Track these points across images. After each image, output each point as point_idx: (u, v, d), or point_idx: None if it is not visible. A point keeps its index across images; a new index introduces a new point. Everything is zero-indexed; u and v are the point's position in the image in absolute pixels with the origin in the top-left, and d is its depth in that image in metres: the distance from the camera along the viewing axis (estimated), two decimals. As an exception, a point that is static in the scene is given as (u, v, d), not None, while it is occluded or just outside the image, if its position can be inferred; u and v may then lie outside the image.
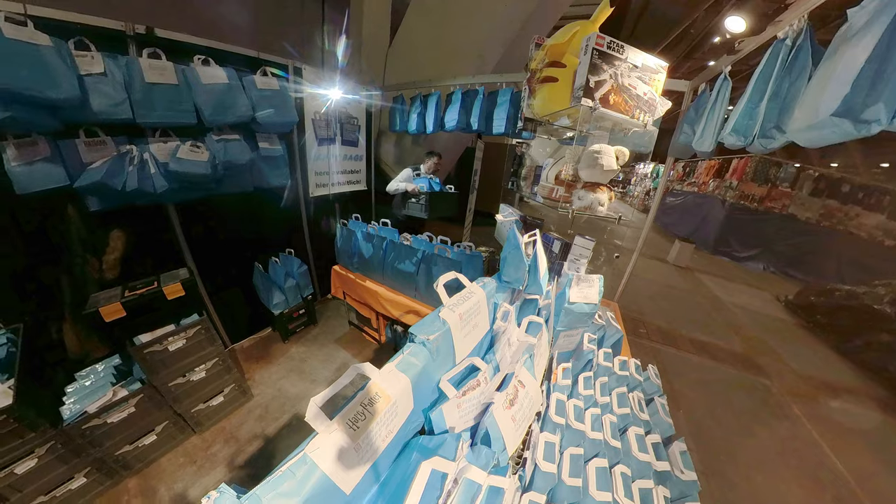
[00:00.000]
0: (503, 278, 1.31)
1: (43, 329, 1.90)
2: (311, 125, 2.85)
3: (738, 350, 3.68)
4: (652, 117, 1.36)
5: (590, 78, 1.21)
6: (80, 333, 2.01)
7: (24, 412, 1.42)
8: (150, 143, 1.97)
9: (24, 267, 1.84)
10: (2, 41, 1.40)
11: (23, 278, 1.85)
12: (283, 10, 3.44)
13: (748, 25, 5.09)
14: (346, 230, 2.58)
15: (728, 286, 5.71)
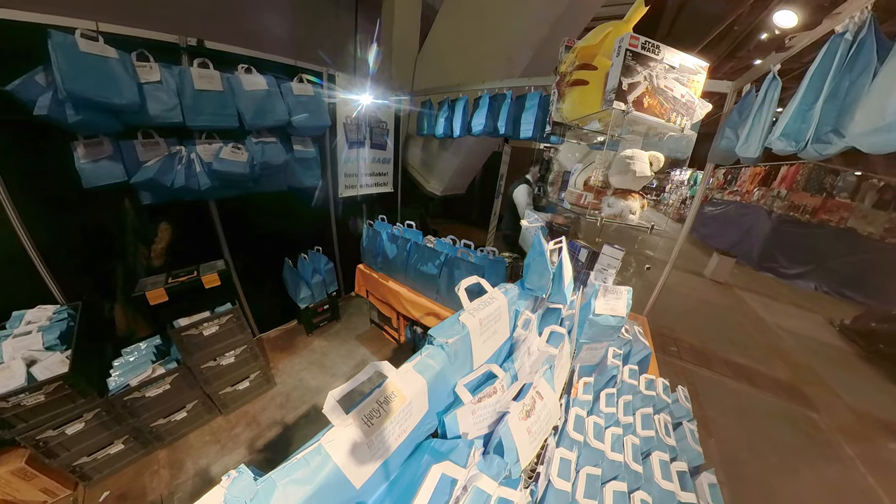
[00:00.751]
0: (526, 285, 1.29)
1: (97, 307, 2.11)
2: (342, 129, 2.96)
3: (783, 377, 3.37)
4: (690, 121, 1.29)
5: (622, 80, 1.17)
6: (128, 314, 2.22)
7: (77, 380, 1.58)
8: (197, 144, 2.14)
9: (85, 252, 2.06)
10: (77, 54, 1.58)
11: (83, 262, 2.06)
12: (319, 21, 3.65)
13: (801, 20, 4.70)
14: (372, 230, 2.64)
15: (773, 306, 5.26)
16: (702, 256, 7.20)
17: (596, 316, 1.32)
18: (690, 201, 10.44)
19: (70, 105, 1.60)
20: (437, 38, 3.61)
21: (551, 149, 2.26)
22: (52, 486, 1.71)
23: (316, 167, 2.75)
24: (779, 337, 4.21)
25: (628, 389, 1.27)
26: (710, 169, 2.02)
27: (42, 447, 1.59)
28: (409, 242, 2.36)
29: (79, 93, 1.58)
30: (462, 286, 0.94)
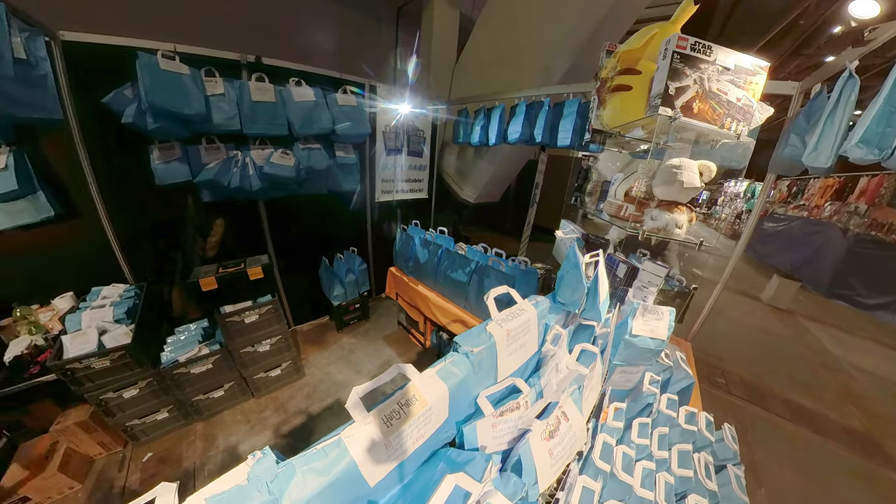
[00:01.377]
0: (558, 299, 1.24)
1: (159, 289, 2.38)
2: (381, 137, 3.09)
3: (856, 427, 2.90)
4: (747, 126, 1.18)
5: (669, 84, 1.10)
6: (183, 297, 2.49)
7: (137, 351, 1.81)
8: (252, 149, 2.35)
9: (153, 240, 2.35)
10: (158, 72, 1.81)
11: (151, 248, 2.35)
12: (362, 36, 3.93)
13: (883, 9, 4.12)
14: (405, 235, 2.71)
15: (846, 340, 4.59)
16: (759, 278, 6.51)
17: (633, 337, 1.24)
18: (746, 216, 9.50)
19: (150, 114, 1.84)
20: (475, 49, 3.66)
21: (590, 157, 2.18)
22: (107, 441, 1.98)
23: (356, 172, 2.91)
24: (853, 377, 3.66)
25: (665, 421, 1.17)
26: (771, 180, 1.82)
27: (103, 406, 1.83)
28: (440, 248, 2.38)
29: (158, 104, 1.81)
30: (491, 295, 0.93)
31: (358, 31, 3.89)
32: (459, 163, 4.06)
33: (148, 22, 1.94)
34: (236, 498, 0.51)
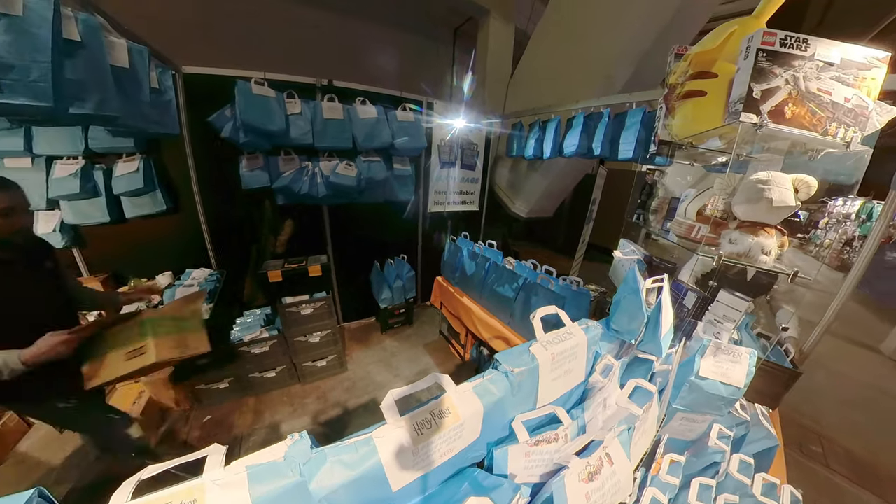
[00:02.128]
0: (612, 326, 1.12)
1: (235, 276, 2.73)
2: (436, 150, 3.21)
3: None
4: (861, 132, 0.96)
5: (753, 87, 0.95)
6: (253, 285, 2.84)
7: (211, 326, 2.05)
8: (321, 161, 2.62)
9: (235, 234, 2.72)
10: (251, 95, 2.16)
11: (232, 241, 2.72)
12: (421, 58, 4.24)
13: None
14: (454, 246, 2.74)
15: None
16: (877, 324, 5.23)
17: (700, 379, 1.06)
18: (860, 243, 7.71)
19: (242, 130, 2.19)
20: (530, 62, 3.64)
21: (655, 171, 2.01)
22: (179, 399, 2.30)
23: (411, 184, 3.07)
24: None
25: (735, 487, 0.98)
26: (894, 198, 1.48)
27: (177, 368, 2.13)
28: (488, 262, 2.36)
29: (249, 122, 2.15)
30: (538, 315, 0.89)
31: (417, 53, 4.19)
32: (512, 176, 4.02)
33: (246, 55, 2.40)
34: (271, 472, 0.54)
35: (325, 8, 3.48)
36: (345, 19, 3.61)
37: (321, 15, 3.47)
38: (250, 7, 3.18)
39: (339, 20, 3.58)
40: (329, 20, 3.53)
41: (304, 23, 3.38)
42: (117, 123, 1.45)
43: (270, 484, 0.53)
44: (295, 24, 3.35)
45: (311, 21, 3.41)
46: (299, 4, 3.36)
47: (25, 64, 0.99)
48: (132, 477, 0.50)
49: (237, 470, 0.53)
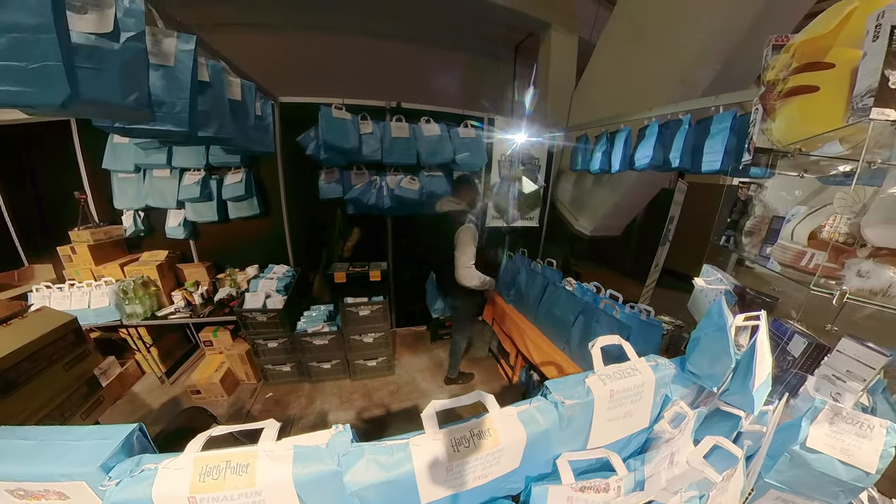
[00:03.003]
0: (689, 367, 0.94)
1: (306, 274, 3.06)
2: (496, 165, 3.23)
3: None
4: None
5: (888, 74, 0.76)
6: (321, 284, 3.15)
7: (284, 316, 2.44)
8: (387, 175, 2.84)
9: (310, 237, 3.09)
10: (331, 118, 2.47)
11: (307, 243, 3.10)
12: (482, 75, 4.37)
13: None
14: (511, 262, 2.69)
15: None
16: None
17: (808, 451, 0.78)
18: None
19: (323, 149, 2.49)
20: (595, 72, 3.45)
21: (751, 185, 1.73)
22: (250, 374, 2.73)
23: None
24: None
25: None
26: None
27: (255, 347, 2.54)
28: (546, 281, 2.24)
29: (329, 141, 2.45)
30: (598, 344, 0.81)
31: (478, 72, 4.36)
32: (576, 191, 3.80)
33: (329, 85, 2.87)
34: (314, 456, 0.58)
35: (394, 39, 3.95)
36: (410, 47, 4.02)
37: (390, 45, 3.95)
38: (331, 45, 3.79)
39: (406, 48, 4.01)
40: (397, 49, 3.99)
41: (375, 53, 3.89)
42: (230, 144, 1.79)
43: (311, 466, 0.57)
44: (368, 55, 3.86)
45: (382, 51, 3.90)
46: (371, 38, 3.88)
47: (172, 100, 1.28)
48: (204, 432, 0.59)
49: (286, 446, 0.58)
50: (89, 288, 2.38)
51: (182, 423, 1.87)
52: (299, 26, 3.58)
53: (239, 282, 2.80)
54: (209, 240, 2.94)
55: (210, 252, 2.99)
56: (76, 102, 0.85)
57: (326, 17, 3.60)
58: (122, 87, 1.02)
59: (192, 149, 2.52)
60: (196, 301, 2.58)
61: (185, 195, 2.58)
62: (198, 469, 0.54)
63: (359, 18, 3.65)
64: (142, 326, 2.52)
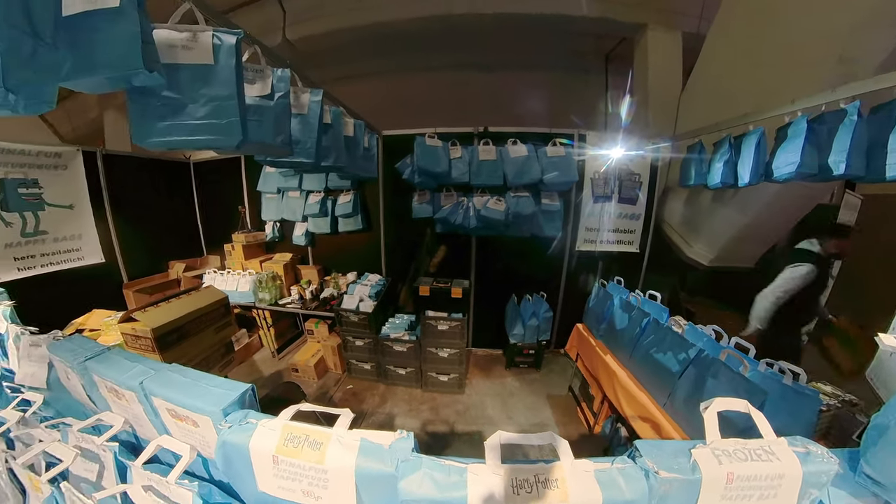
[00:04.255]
0: (864, 468, 0.63)
1: (395, 285, 3.36)
2: (589, 183, 3.01)
3: None
4: None
5: None
6: (407, 295, 3.40)
7: (371, 320, 2.76)
8: (474, 196, 2.95)
9: (401, 251, 3.41)
10: (425, 146, 2.74)
11: (399, 256, 3.43)
12: (570, 91, 4.23)
13: None
14: (604, 292, 2.40)
15: None
16: None
17: None
18: None
19: (417, 173, 2.77)
20: (708, 65, 2.89)
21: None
22: (338, 365, 3.12)
23: (559, 219, 3.00)
24: None
25: None
26: None
27: (344, 342, 2.93)
28: (646, 317, 1.89)
29: (422, 167, 2.71)
30: (714, 406, 0.63)
31: (566, 88, 4.27)
32: (689, 211, 3.21)
33: (423, 117, 3.27)
34: (376, 453, 0.61)
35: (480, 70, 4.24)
36: (495, 76, 4.24)
37: (477, 76, 4.26)
38: (424, 83, 4.31)
39: (491, 77, 4.24)
40: (483, 79, 4.27)
41: (464, 85, 4.25)
42: (344, 171, 2.16)
43: (372, 462, 0.60)
44: (457, 87, 4.26)
45: (469, 82, 4.23)
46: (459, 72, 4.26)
47: (305, 139, 1.63)
48: (295, 406, 0.69)
49: (355, 437, 0.63)
50: (238, 276, 3.26)
51: (280, 392, 2.28)
52: (397, 71, 4.24)
53: (340, 284, 3.29)
54: (322, 247, 3.61)
55: (322, 257, 3.67)
56: (245, 144, 1.16)
57: (418, 61, 4.15)
58: (274, 131, 1.36)
59: (315, 175, 3.17)
60: (307, 296, 3.24)
61: (308, 211, 3.30)
62: (284, 434, 0.64)
63: (446, 58, 4.07)
64: (267, 310, 3.27)
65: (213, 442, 0.69)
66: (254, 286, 3.15)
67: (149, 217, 3.42)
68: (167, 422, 0.77)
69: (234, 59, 1.06)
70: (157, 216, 3.52)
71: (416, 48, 3.88)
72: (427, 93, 4.22)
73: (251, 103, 1.24)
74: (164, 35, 0.99)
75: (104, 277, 3.04)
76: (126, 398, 0.80)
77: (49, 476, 0.72)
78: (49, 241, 2.64)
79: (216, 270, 3.38)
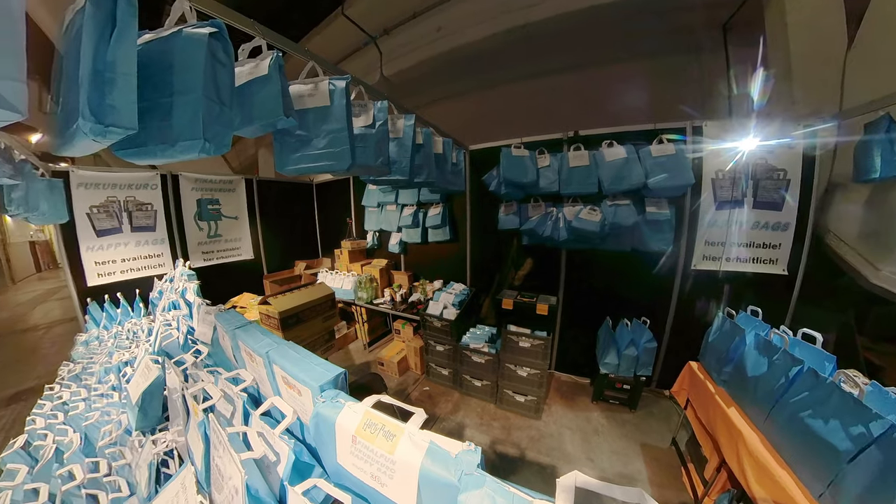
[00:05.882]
0: None
1: (478, 295, 3.42)
2: (709, 186, 2.49)
3: None
4: None
5: None
6: (489, 307, 3.44)
7: (454, 327, 2.85)
8: (564, 206, 2.78)
9: (486, 263, 3.44)
10: (511, 157, 2.72)
11: (483, 268, 3.49)
12: (676, 78, 3.46)
13: None
14: (731, 324, 1.87)
15: None
16: None
17: None
18: None
19: (503, 185, 2.76)
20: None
21: None
22: (418, 365, 3.31)
23: (668, 231, 2.54)
24: None
25: None
26: None
27: (426, 345, 3.08)
28: (797, 366, 1.38)
29: (508, 178, 2.69)
30: None
31: (671, 74, 3.50)
32: (873, 218, 2.26)
33: (509, 128, 3.19)
34: (441, 459, 0.62)
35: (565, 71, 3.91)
36: (583, 74, 3.83)
37: (562, 78, 3.94)
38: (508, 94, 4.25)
39: (578, 77, 3.86)
40: (569, 80, 3.92)
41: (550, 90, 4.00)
42: (434, 186, 2.33)
43: (436, 467, 0.61)
44: (542, 93, 4.03)
45: (555, 86, 3.96)
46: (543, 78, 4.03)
47: (400, 159, 1.83)
48: (376, 395, 0.77)
49: (424, 437, 0.66)
50: (344, 276, 3.94)
51: (366, 381, 2.58)
52: (482, 88, 4.34)
53: (427, 291, 3.53)
54: (413, 256, 3.99)
55: (412, 265, 4.04)
56: (354, 167, 1.38)
57: (501, 75, 4.16)
58: (376, 154, 1.57)
59: (409, 190, 3.52)
60: (397, 298, 3.60)
61: (402, 223, 3.70)
62: (364, 419, 0.72)
63: (529, 67, 3.94)
64: (363, 307, 3.73)
65: (310, 411, 0.82)
66: (355, 286, 3.68)
67: (283, 226, 4.51)
68: (280, 386, 0.95)
69: (345, 98, 1.29)
70: (288, 225, 4.61)
71: (497, 63, 3.92)
72: (512, 104, 4.17)
73: (358, 132, 1.47)
74: (295, 88, 1.30)
75: (252, 270, 4.15)
76: (256, 361, 1.01)
77: (204, 406, 0.97)
78: (222, 241, 3.79)
79: (328, 270, 4.20)
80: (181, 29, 0.87)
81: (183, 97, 0.83)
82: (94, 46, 0.67)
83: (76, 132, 0.67)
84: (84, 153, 0.81)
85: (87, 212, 2.80)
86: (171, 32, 0.87)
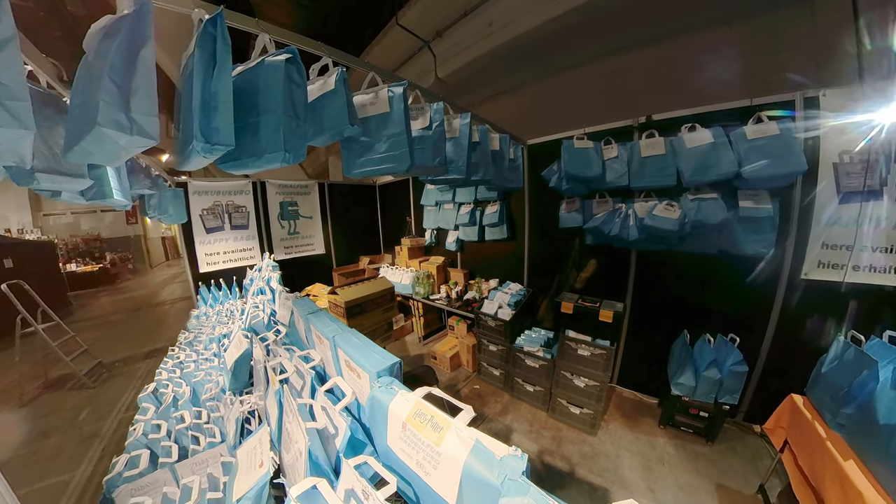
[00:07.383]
0: None
1: (535, 296, 3.31)
2: (829, 172, 1.99)
3: None
4: None
5: None
6: (547, 309, 3.29)
7: (507, 328, 2.80)
8: (635, 202, 2.50)
9: (545, 263, 3.31)
10: (573, 149, 2.52)
11: (542, 268, 3.35)
12: (780, 39, 2.62)
13: None
14: (855, 352, 1.44)
15: None
16: None
17: None
18: None
19: (565, 180, 2.59)
20: None
21: None
22: (470, 363, 3.34)
23: (769, 230, 2.10)
24: None
25: None
26: None
27: (479, 343, 3.06)
28: None
29: (570, 172, 2.51)
30: None
31: (773, 35, 2.67)
32: None
33: (572, 118, 2.89)
34: (485, 459, 0.62)
35: (633, 49, 3.34)
36: (656, 49, 3.24)
37: (630, 57, 3.38)
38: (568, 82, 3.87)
39: (650, 53, 3.28)
40: (639, 58, 3.34)
41: (615, 73, 3.49)
42: (491, 184, 2.30)
43: (480, 466, 0.61)
44: (606, 77, 3.54)
45: (622, 67, 3.44)
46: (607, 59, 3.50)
47: (457, 158, 1.85)
48: (428, 387, 0.81)
49: (471, 434, 0.66)
50: (403, 271, 4.12)
51: (419, 373, 2.71)
52: (540, 78, 4.07)
53: (482, 289, 3.51)
54: (469, 254, 4.04)
55: (468, 262, 4.10)
56: (413, 168, 1.45)
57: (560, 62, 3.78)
58: (433, 155, 1.62)
59: (466, 189, 3.55)
60: (452, 295, 3.64)
61: (459, 221, 3.73)
62: (415, 408, 0.75)
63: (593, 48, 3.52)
64: (420, 302, 3.88)
65: (367, 394, 0.89)
66: (413, 281, 3.87)
67: (350, 224, 4.96)
68: (343, 368, 1.05)
69: (403, 103, 1.36)
70: (354, 223, 5.05)
71: (555, 49, 3.61)
72: (573, 92, 3.81)
73: (416, 135, 1.53)
74: (358, 99, 1.42)
75: (323, 263, 4.60)
76: (324, 344, 1.13)
77: (280, 377, 1.12)
78: (299, 238, 4.34)
79: (388, 265, 4.49)
80: (263, 59, 1.04)
81: (267, 116, 0.99)
82: (202, 81, 0.84)
83: (192, 151, 0.85)
84: (197, 167, 1.00)
85: (200, 214, 3.47)
86: (256, 63, 1.03)
